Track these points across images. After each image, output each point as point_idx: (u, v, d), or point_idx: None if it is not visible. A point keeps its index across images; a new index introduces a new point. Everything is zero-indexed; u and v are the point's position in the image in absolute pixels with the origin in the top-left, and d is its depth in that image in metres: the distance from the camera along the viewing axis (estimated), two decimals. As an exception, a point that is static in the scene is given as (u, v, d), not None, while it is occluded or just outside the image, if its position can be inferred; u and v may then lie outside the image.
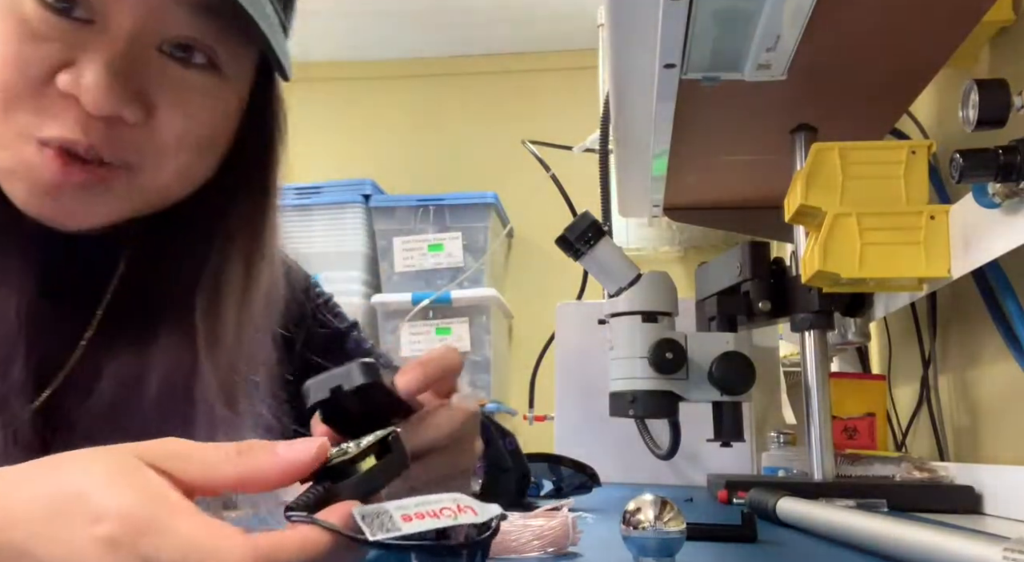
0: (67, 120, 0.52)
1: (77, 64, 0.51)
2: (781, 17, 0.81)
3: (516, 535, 0.53)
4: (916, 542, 0.50)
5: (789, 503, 0.74)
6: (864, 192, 0.96)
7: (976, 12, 0.88)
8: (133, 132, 0.53)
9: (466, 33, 3.03)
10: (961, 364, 1.19)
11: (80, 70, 0.51)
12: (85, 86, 0.51)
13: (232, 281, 0.61)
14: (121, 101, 0.52)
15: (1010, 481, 0.91)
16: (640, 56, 0.93)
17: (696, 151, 1.22)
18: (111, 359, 0.60)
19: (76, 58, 0.51)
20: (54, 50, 0.51)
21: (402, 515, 0.37)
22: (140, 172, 0.55)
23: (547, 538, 0.52)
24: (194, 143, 0.56)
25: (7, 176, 0.54)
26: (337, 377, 0.46)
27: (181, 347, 0.60)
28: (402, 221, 2.70)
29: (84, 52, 0.51)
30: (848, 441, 1.26)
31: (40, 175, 0.53)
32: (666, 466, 1.31)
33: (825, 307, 1.07)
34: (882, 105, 1.09)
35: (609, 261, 1.05)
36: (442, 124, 3.13)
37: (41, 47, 0.51)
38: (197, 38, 0.54)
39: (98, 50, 0.51)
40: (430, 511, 0.38)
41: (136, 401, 0.58)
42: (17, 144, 0.53)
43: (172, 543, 0.33)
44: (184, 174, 0.57)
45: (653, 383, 1.03)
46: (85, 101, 0.51)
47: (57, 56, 0.51)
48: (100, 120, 0.52)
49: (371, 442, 0.41)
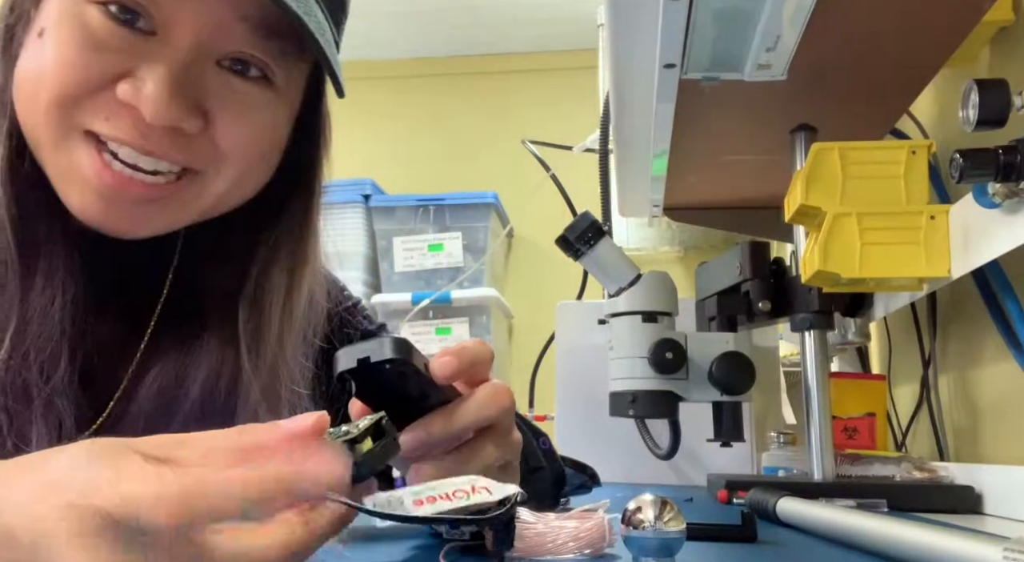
0: (124, 124, 0.53)
1: (137, 74, 0.52)
2: (781, 17, 0.81)
3: (552, 537, 0.52)
4: (916, 542, 0.50)
5: (789, 503, 0.74)
6: (864, 192, 0.96)
7: (976, 12, 0.88)
8: (192, 140, 0.55)
9: (466, 33, 3.04)
10: (961, 364, 1.19)
11: (140, 80, 0.52)
12: (145, 96, 0.52)
13: (276, 288, 0.62)
14: (180, 112, 0.53)
15: (1010, 481, 0.91)
16: (640, 56, 0.93)
17: (696, 151, 1.22)
18: (155, 363, 0.61)
19: (136, 68, 0.52)
20: (115, 59, 0.52)
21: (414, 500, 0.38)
22: (202, 177, 0.56)
23: (583, 539, 0.52)
24: (251, 152, 0.58)
25: (61, 180, 0.55)
26: (367, 349, 0.46)
27: (224, 352, 0.61)
28: (402, 221, 2.70)
29: (144, 62, 0.52)
30: (848, 441, 1.26)
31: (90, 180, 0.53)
32: (666, 466, 1.31)
33: (825, 307, 1.07)
34: (882, 105, 1.09)
35: (609, 261, 1.05)
36: (442, 124, 3.13)
37: (102, 56, 0.52)
38: (255, 54, 0.56)
39: (159, 61, 0.52)
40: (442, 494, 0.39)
41: (178, 405, 0.58)
42: (67, 142, 0.53)
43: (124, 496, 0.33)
44: (241, 182, 0.59)
45: (653, 383, 1.03)
46: (145, 111, 0.52)
47: (118, 65, 0.52)
48: (158, 129, 0.53)
49: (368, 425, 0.41)
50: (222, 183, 0.57)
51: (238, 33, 0.54)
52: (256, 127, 0.57)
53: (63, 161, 0.54)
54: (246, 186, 0.60)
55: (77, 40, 0.52)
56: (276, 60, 0.57)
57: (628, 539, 0.49)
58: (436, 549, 0.54)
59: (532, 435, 0.76)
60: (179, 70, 0.53)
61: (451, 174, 3.02)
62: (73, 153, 0.54)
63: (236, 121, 0.56)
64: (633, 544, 0.49)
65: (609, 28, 0.93)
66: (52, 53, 0.52)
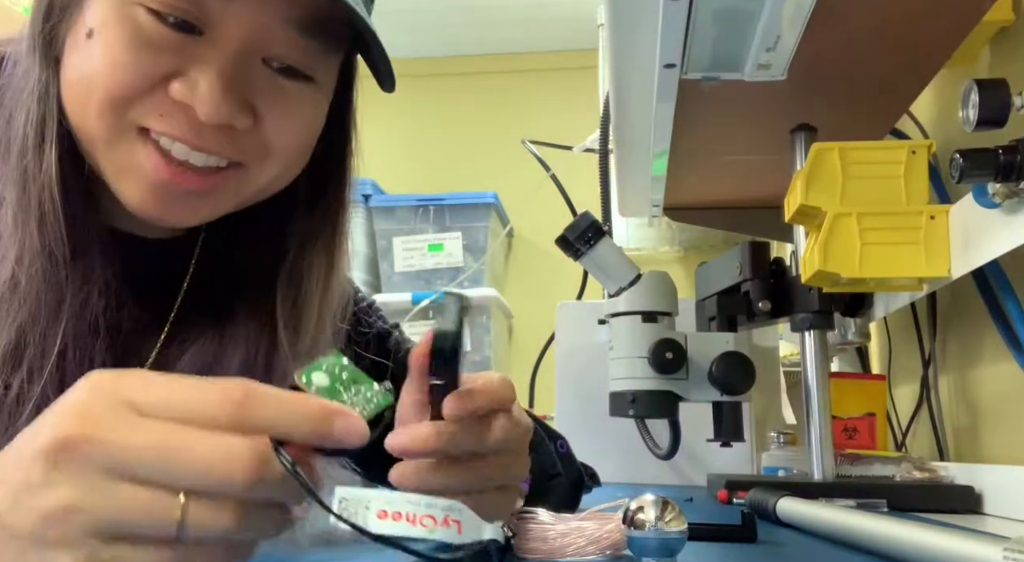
0: (179, 121, 0.54)
1: (188, 74, 0.54)
2: (781, 17, 0.81)
3: (572, 540, 0.52)
4: (916, 542, 0.50)
5: (789, 503, 0.74)
6: (864, 192, 0.96)
7: (976, 12, 0.88)
8: (240, 136, 0.56)
9: (466, 33, 3.04)
10: (961, 364, 1.19)
11: (193, 80, 0.53)
12: (200, 96, 0.53)
13: (317, 265, 0.64)
14: (232, 110, 0.54)
15: (1010, 481, 0.91)
16: (640, 56, 0.93)
17: (696, 151, 1.22)
18: (189, 345, 0.62)
19: (187, 68, 0.54)
20: (166, 59, 0.53)
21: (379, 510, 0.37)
22: (247, 171, 0.58)
23: (604, 542, 0.52)
24: (295, 148, 0.60)
25: (117, 176, 0.56)
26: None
27: (259, 334, 0.62)
28: (402, 221, 2.70)
29: (195, 62, 0.54)
30: (848, 441, 1.26)
31: (147, 176, 0.55)
32: (666, 466, 1.31)
33: (825, 307, 1.07)
34: (882, 105, 1.09)
35: (609, 261, 1.05)
36: (442, 124, 3.13)
37: (153, 56, 0.53)
38: (300, 54, 0.57)
39: (209, 61, 0.54)
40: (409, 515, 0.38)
41: None
42: (122, 140, 0.54)
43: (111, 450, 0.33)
44: (282, 175, 0.61)
45: (653, 383, 1.03)
46: (200, 110, 0.53)
47: (169, 65, 0.53)
48: (210, 127, 0.54)
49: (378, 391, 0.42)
50: (265, 176, 0.59)
51: (283, 33, 0.56)
52: (301, 123, 0.60)
53: (119, 158, 0.55)
54: (286, 177, 0.62)
55: (127, 41, 0.53)
56: (319, 56, 0.59)
57: (630, 539, 0.49)
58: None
59: (549, 438, 0.75)
60: (229, 69, 0.54)
61: (451, 174, 3.02)
62: (129, 150, 0.55)
63: (283, 118, 0.58)
64: (634, 544, 0.49)
65: (609, 28, 0.93)
66: (102, 54, 0.53)
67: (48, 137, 0.55)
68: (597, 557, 0.52)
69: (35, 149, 0.55)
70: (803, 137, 1.09)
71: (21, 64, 0.58)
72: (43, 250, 0.54)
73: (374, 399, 0.42)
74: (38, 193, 0.55)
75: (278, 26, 0.55)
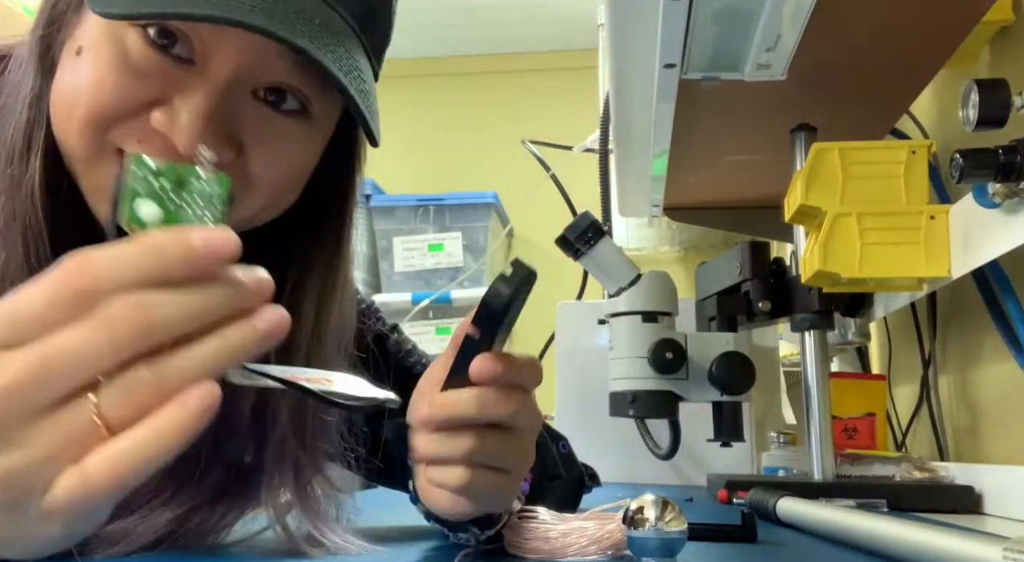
0: (156, 148, 0.52)
1: (172, 103, 0.52)
2: (781, 17, 0.81)
3: (573, 540, 0.52)
4: (916, 542, 0.50)
5: (789, 503, 0.74)
6: (864, 192, 0.96)
7: (976, 12, 0.88)
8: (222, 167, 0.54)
9: (466, 33, 3.04)
10: (961, 364, 1.19)
11: (175, 109, 0.52)
12: (179, 128, 0.51)
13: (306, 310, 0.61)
14: (213, 145, 0.52)
15: (1010, 481, 0.91)
16: (640, 56, 0.93)
17: (696, 151, 1.22)
18: None
19: (171, 96, 0.52)
20: (151, 86, 0.52)
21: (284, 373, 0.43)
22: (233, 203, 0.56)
23: (605, 542, 0.52)
24: (279, 184, 0.58)
25: (94, 195, 0.55)
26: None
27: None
28: (402, 221, 2.70)
29: (180, 91, 0.52)
30: (848, 441, 1.26)
31: None
32: (666, 466, 1.31)
33: (825, 307, 1.07)
34: (882, 105, 1.09)
35: (609, 261, 1.05)
36: (442, 124, 3.13)
37: (139, 81, 0.52)
38: (293, 85, 0.55)
39: (195, 91, 0.52)
40: (304, 377, 0.43)
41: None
42: (99, 161, 0.53)
43: None
44: (268, 208, 0.59)
45: (653, 383, 1.03)
46: (178, 142, 0.51)
47: (153, 91, 0.52)
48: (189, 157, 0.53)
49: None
50: (247, 210, 0.57)
51: (276, 65, 0.54)
52: (288, 160, 0.57)
53: (96, 177, 0.54)
54: (272, 210, 0.60)
55: (115, 63, 0.52)
56: (315, 93, 0.56)
57: (630, 539, 0.49)
58: (450, 552, 0.54)
59: (551, 439, 0.75)
60: (215, 101, 0.52)
61: (451, 174, 3.02)
62: (107, 171, 0.53)
63: (269, 154, 0.56)
64: (635, 544, 0.49)
65: (609, 28, 0.93)
66: (89, 73, 0.52)
67: (35, 145, 0.54)
68: (598, 557, 0.52)
69: (21, 156, 0.54)
70: (803, 137, 1.09)
71: (21, 67, 0.57)
72: (26, 258, 0.53)
73: (211, 189, 0.40)
74: (23, 202, 0.54)
75: (272, 56, 0.53)
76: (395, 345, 0.79)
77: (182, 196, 0.40)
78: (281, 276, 0.61)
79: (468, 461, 0.50)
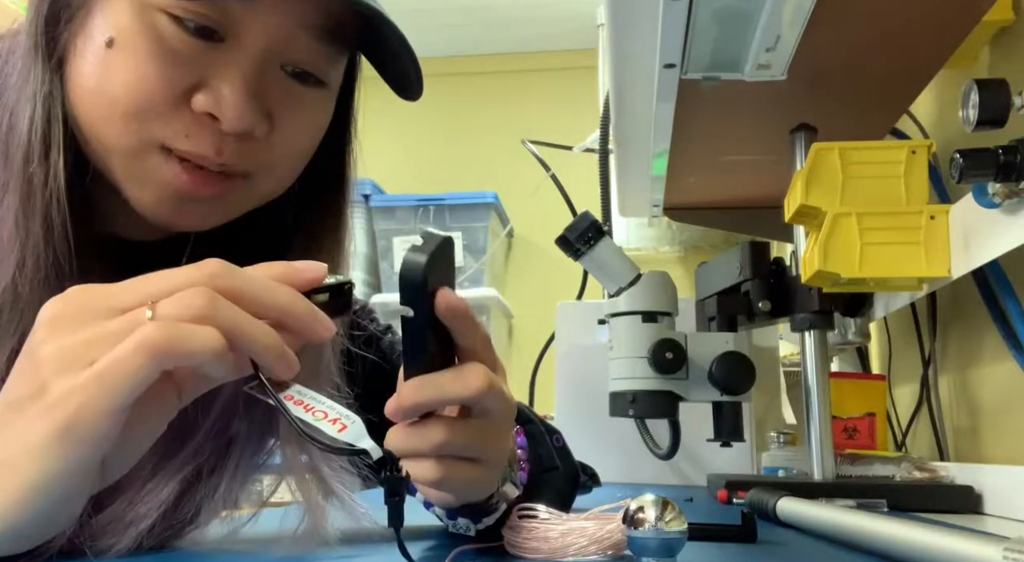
0: (202, 138, 0.54)
1: (210, 84, 0.53)
2: (781, 17, 0.81)
3: (574, 539, 0.52)
4: (916, 542, 0.50)
5: (789, 503, 0.74)
6: (864, 192, 0.96)
7: (976, 12, 0.88)
8: (256, 145, 0.56)
9: (466, 33, 3.04)
10: (961, 364, 1.19)
11: (216, 89, 0.53)
12: (225, 105, 0.53)
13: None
14: (255, 119, 0.54)
15: (1010, 481, 0.91)
16: (640, 56, 0.93)
17: (696, 151, 1.22)
18: None
19: (209, 78, 0.53)
20: (190, 70, 0.53)
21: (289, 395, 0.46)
22: (255, 180, 0.58)
23: (606, 542, 0.52)
24: (302, 150, 0.60)
25: (133, 183, 0.56)
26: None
27: None
28: (402, 221, 2.70)
29: (216, 70, 0.53)
30: (848, 441, 1.26)
31: (169, 184, 0.55)
32: (666, 466, 1.31)
33: (825, 307, 1.07)
34: (882, 105, 1.09)
35: (609, 261, 1.05)
36: (442, 124, 3.13)
37: (178, 67, 0.53)
38: (316, 60, 0.57)
39: (232, 69, 0.53)
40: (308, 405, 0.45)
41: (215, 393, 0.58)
42: (145, 154, 0.54)
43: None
44: (286, 179, 0.61)
45: (653, 383, 1.03)
46: (225, 118, 0.53)
47: (192, 76, 0.53)
48: (232, 136, 0.54)
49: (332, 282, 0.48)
50: (273, 182, 0.60)
51: (302, 38, 0.56)
52: (312, 130, 0.60)
53: (139, 167, 0.55)
54: (287, 182, 0.62)
55: (151, 51, 0.52)
56: (332, 61, 0.59)
57: (630, 539, 0.49)
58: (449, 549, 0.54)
59: (546, 433, 0.75)
60: (252, 77, 0.54)
61: (451, 174, 3.02)
62: (148, 165, 0.55)
63: (296, 125, 0.58)
64: (634, 544, 0.49)
65: (609, 28, 0.93)
66: (126, 65, 0.52)
67: (55, 143, 0.55)
68: (599, 557, 0.52)
69: (41, 156, 0.54)
70: (803, 137, 1.09)
71: (20, 62, 0.56)
72: (48, 259, 0.54)
73: None
74: (44, 202, 0.54)
75: (298, 31, 0.55)
76: (389, 346, 0.79)
77: None
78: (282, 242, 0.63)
79: (438, 454, 0.49)
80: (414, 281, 0.45)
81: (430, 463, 0.50)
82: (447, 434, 0.49)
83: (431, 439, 0.49)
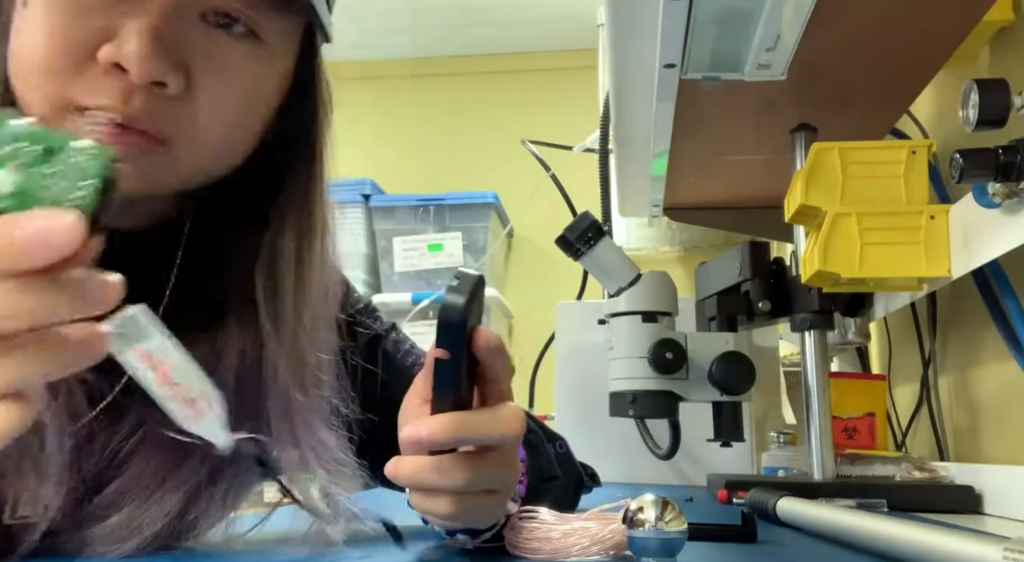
0: (109, 91, 0.51)
1: (119, 34, 0.50)
2: (781, 17, 0.81)
3: (575, 540, 0.52)
4: (916, 542, 0.50)
5: (789, 503, 0.74)
6: (864, 192, 0.96)
7: (976, 12, 0.88)
8: (172, 105, 0.52)
9: (466, 33, 3.04)
10: (961, 364, 1.19)
11: (123, 39, 0.50)
12: (128, 53, 0.50)
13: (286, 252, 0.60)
14: (164, 68, 0.50)
15: (1010, 481, 0.91)
16: (640, 56, 0.93)
17: (696, 151, 1.22)
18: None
19: (118, 28, 0.50)
20: (97, 22, 0.50)
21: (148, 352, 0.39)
22: (176, 148, 0.54)
23: (607, 543, 0.52)
24: (231, 115, 0.55)
25: None
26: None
27: (249, 332, 0.59)
28: (402, 221, 2.70)
29: (126, 21, 0.50)
30: (848, 441, 1.26)
31: None
32: (666, 466, 1.31)
33: (825, 307, 1.07)
34: (882, 105, 1.09)
35: (609, 261, 1.05)
36: (442, 124, 3.13)
37: (85, 20, 0.50)
38: (240, 7, 0.53)
39: (141, 18, 0.50)
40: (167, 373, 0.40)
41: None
42: (62, 116, 0.52)
43: None
44: (221, 149, 0.56)
45: (653, 383, 1.03)
46: (129, 66, 0.50)
47: (100, 28, 0.51)
48: (142, 90, 0.51)
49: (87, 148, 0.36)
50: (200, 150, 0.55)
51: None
52: (239, 85, 0.55)
53: None
54: (229, 152, 0.58)
55: (60, 5, 0.50)
56: (264, 14, 0.54)
57: (630, 539, 0.49)
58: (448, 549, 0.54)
59: (547, 439, 0.75)
60: (162, 24, 0.51)
61: (451, 174, 3.02)
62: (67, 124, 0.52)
63: (218, 79, 0.53)
64: (635, 544, 0.49)
65: (609, 28, 0.93)
66: (36, 22, 0.51)
67: None
68: (600, 557, 0.52)
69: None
70: (803, 137, 1.09)
71: None
72: None
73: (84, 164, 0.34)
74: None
75: None
76: (393, 345, 0.79)
77: (44, 169, 0.33)
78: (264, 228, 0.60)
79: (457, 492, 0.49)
80: (454, 323, 0.46)
81: (447, 500, 0.49)
82: (471, 473, 0.48)
83: (454, 479, 0.48)
